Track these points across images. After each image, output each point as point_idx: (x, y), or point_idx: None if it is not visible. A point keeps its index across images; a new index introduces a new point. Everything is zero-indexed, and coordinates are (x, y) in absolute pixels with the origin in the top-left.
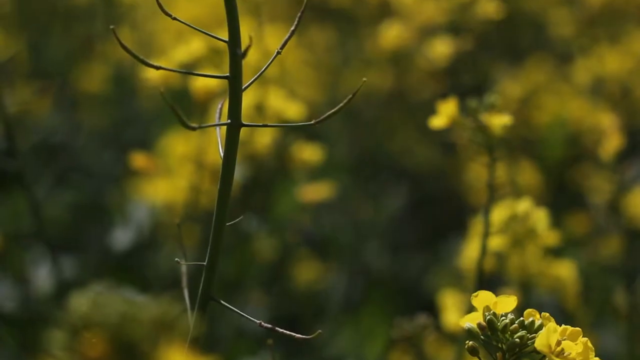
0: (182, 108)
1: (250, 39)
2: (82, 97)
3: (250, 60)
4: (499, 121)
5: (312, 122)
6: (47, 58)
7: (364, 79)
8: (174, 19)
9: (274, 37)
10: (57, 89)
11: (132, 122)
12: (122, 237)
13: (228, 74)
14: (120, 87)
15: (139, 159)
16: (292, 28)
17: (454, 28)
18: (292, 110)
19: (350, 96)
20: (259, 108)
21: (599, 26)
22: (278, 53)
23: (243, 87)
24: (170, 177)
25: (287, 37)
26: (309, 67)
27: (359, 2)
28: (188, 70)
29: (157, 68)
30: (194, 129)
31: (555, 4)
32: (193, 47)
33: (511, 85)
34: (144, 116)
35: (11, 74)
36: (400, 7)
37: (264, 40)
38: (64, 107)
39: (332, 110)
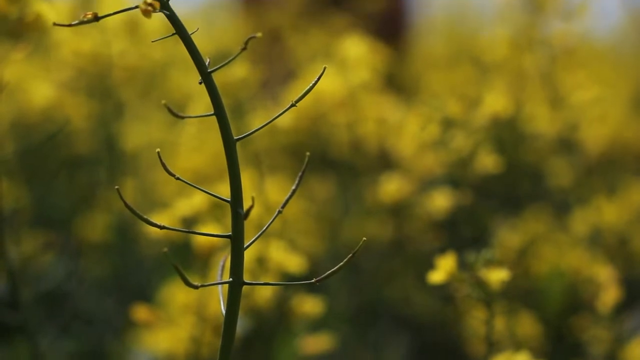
0: (184, 259)
1: (253, 199)
2: (84, 246)
3: (252, 214)
4: (496, 276)
5: (313, 280)
6: (51, 206)
7: (364, 238)
8: (177, 178)
9: (275, 189)
10: (61, 239)
11: (133, 270)
12: None
13: (230, 234)
14: (121, 235)
15: (140, 312)
16: (294, 187)
17: (453, 181)
18: (294, 263)
19: (351, 255)
20: (261, 261)
21: (597, 176)
22: (279, 212)
23: (245, 246)
24: (171, 327)
25: (288, 195)
26: (310, 218)
27: (359, 153)
28: (190, 223)
29: (161, 228)
30: (196, 287)
31: (553, 154)
32: (195, 201)
33: (510, 236)
34: (146, 264)
35: (16, 225)
36: (400, 159)
37: (264, 192)
38: (67, 256)
39: (333, 269)
